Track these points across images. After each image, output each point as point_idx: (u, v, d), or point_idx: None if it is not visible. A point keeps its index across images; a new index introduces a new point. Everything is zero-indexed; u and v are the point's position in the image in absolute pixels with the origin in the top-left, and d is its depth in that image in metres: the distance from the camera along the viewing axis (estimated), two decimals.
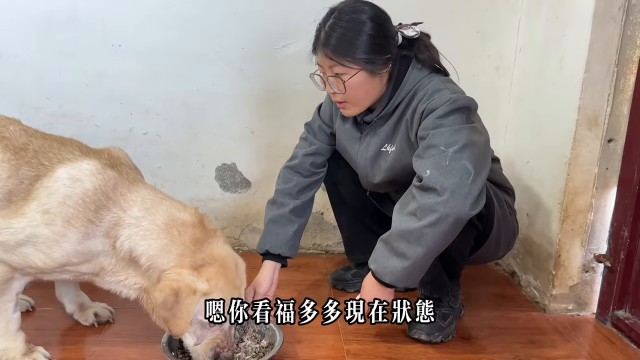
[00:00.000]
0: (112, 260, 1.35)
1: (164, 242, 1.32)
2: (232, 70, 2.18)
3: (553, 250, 1.87)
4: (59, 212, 1.29)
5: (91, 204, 1.31)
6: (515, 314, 1.88)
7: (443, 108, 1.43)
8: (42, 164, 1.36)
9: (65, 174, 1.33)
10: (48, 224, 1.29)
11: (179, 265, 1.30)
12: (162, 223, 1.34)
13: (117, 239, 1.32)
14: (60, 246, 1.30)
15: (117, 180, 1.37)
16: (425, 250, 1.40)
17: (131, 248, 1.32)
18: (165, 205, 1.38)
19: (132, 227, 1.32)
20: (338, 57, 1.47)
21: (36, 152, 1.39)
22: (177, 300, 1.27)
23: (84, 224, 1.30)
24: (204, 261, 1.34)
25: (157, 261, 1.31)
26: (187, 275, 1.29)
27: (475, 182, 1.36)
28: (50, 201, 1.30)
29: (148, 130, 2.23)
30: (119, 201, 1.34)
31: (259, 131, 2.27)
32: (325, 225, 2.40)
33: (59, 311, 1.73)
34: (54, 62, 2.11)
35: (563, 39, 1.83)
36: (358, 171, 1.76)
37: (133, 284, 1.37)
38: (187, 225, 1.36)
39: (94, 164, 1.35)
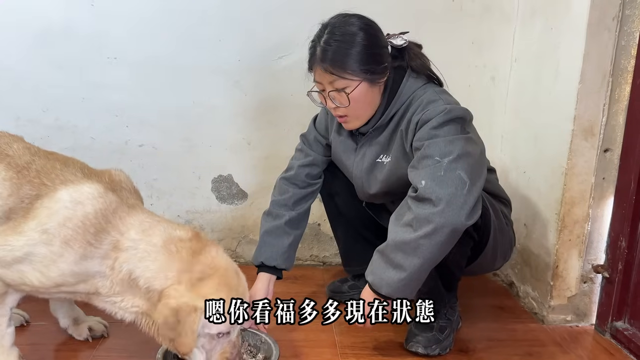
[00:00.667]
0: (109, 282, 1.34)
1: (161, 262, 1.31)
2: (228, 82, 2.18)
3: (551, 261, 1.86)
4: (58, 233, 1.28)
5: (91, 227, 1.30)
6: (514, 325, 1.87)
7: (437, 119, 1.43)
8: (44, 184, 1.36)
9: (67, 196, 1.32)
10: (46, 243, 1.28)
11: (177, 281, 1.29)
12: (159, 243, 1.33)
13: (116, 261, 1.32)
14: (57, 266, 1.29)
15: (118, 204, 1.36)
16: (422, 261, 1.39)
17: (130, 270, 1.31)
18: (162, 226, 1.38)
19: (130, 250, 1.32)
20: (339, 70, 1.47)
21: (39, 171, 1.38)
22: (178, 319, 1.25)
23: (82, 245, 1.29)
24: (204, 273, 1.32)
25: (154, 283, 1.30)
26: (185, 292, 1.27)
27: (470, 192, 1.36)
28: (51, 222, 1.29)
29: (144, 142, 2.23)
30: (117, 225, 1.33)
31: (255, 142, 2.26)
32: (323, 236, 2.39)
33: (53, 326, 1.72)
34: (50, 75, 2.11)
35: (558, 49, 1.83)
36: (354, 182, 1.75)
37: (130, 306, 1.35)
38: (184, 240, 1.36)
39: (95, 188, 1.35)
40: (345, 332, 1.76)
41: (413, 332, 1.67)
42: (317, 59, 1.50)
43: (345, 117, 1.58)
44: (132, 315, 1.36)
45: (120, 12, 2.09)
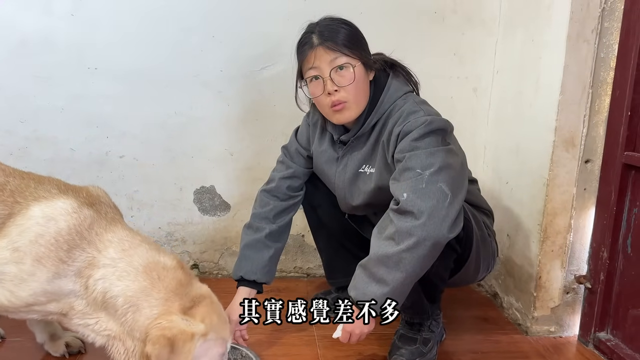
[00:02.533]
0: (83, 301, 1.28)
1: (143, 285, 1.25)
2: (211, 93, 2.17)
3: (534, 272, 1.86)
4: (30, 251, 1.24)
5: (64, 244, 1.26)
6: (498, 337, 1.86)
7: (418, 130, 1.43)
8: (17, 202, 1.31)
9: (39, 212, 1.28)
10: (17, 262, 1.23)
11: (166, 311, 1.23)
12: (140, 265, 1.28)
13: (90, 278, 1.26)
14: (28, 285, 1.25)
15: (94, 219, 1.31)
16: (405, 275, 1.37)
17: (105, 289, 1.25)
18: (144, 247, 1.32)
19: (108, 268, 1.26)
20: (341, 47, 1.49)
21: (12, 191, 1.34)
22: (172, 350, 1.18)
23: (54, 263, 1.25)
24: (193, 302, 1.28)
25: (135, 304, 1.24)
26: (179, 320, 1.21)
27: (452, 204, 1.35)
28: (22, 239, 1.25)
29: (125, 153, 2.20)
30: (94, 241, 1.28)
31: (238, 153, 2.25)
32: (307, 247, 2.37)
33: (30, 342, 1.67)
34: (28, 85, 2.08)
35: (539, 61, 1.85)
36: (336, 193, 1.74)
37: (103, 329, 1.29)
38: (169, 269, 1.30)
39: (69, 203, 1.30)
40: (329, 346, 1.74)
41: (396, 345, 1.65)
42: (315, 42, 1.51)
43: (343, 103, 1.53)
44: (104, 339, 1.30)
45: (101, 23, 2.07)
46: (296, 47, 1.58)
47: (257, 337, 1.77)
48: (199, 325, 1.23)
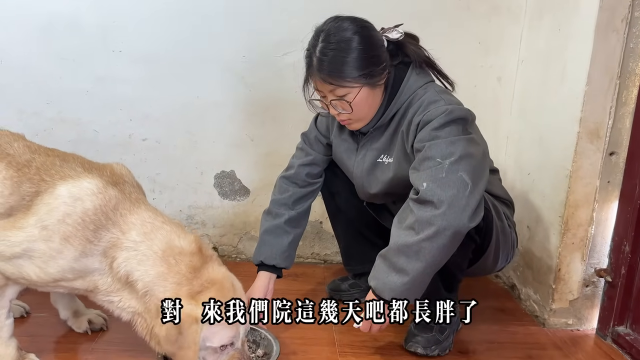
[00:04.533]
0: (108, 279, 1.34)
1: (160, 270, 1.31)
2: (233, 78, 2.18)
3: (553, 264, 1.84)
4: (58, 230, 1.28)
5: (90, 224, 1.30)
6: (515, 328, 1.85)
7: (439, 120, 1.42)
8: (43, 180, 1.35)
9: (66, 192, 1.32)
10: (46, 239, 1.28)
11: (175, 294, 1.28)
12: (159, 250, 1.33)
13: (115, 260, 1.31)
14: (56, 262, 1.30)
15: (118, 200, 1.35)
16: (425, 264, 1.37)
17: (128, 272, 1.31)
18: (164, 230, 1.36)
19: (130, 251, 1.31)
20: (338, 80, 1.45)
21: (38, 169, 1.38)
22: (180, 331, 1.25)
23: (81, 242, 1.29)
24: (202, 287, 1.32)
25: (152, 288, 1.30)
26: (185, 304, 1.27)
27: (472, 194, 1.34)
28: (50, 218, 1.29)
29: (147, 136, 2.23)
30: (118, 222, 1.33)
31: (258, 139, 2.26)
32: (324, 234, 2.38)
33: (54, 317, 1.72)
34: (54, 67, 2.12)
35: (565, 51, 1.81)
36: (354, 182, 1.74)
37: (127, 306, 1.35)
38: (185, 253, 1.34)
39: (95, 183, 1.34)
40: (345, 330, 1.75)
41: (412, 332, 1.66)
42: (314, 70, 1.48)
43: (348, 120, 1.57)
44: (129, 315, 1.36)
45: (126, 5, 2.09)
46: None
47: None
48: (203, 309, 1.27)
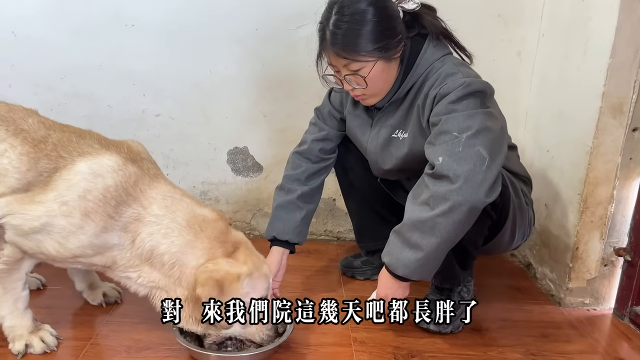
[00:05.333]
0: (127, 255, 1.35)
1: (187, 239, 1.33)
2: (246, 52, 2.15)
3: (571, 243, 1.81)
4: (78, 205, 1.29)
5: (111, 200, 1.31)
6: (530, 306, 1.83)
7: (456, 92, 1.38)
8: (61, 157, 1.36)
9: (86, 168, 1.32)
10: (66, 215, 1.29)
11: (212, 256, 1.31)
12: (183, 220, 1.35)
13: (138, 236, 1.32)
14: (76, 237, 1.30)
15: (138, 176, 1.36)
16: (439, 240, 1.35)
17: (152, 247, 1.32)
18: (185, 202, 1.39)
19: (153, 225, 1.33)
20: (352, 54, 1.42)
21: (55, 145, 1.38)
22: (221, 290, 1.27)
23: (102, 218, 1.30)
24: (234, 247, 1.36)
25: (181, 258, 1.32)
26: (224, 263, 1.30)
27: (490, 168, 1.31)
28: (70, 194, 1.29)
29: (161, 112, 2.22)
30: (139, 198, 1.34)
31: (271, 115, 2.24)
32: (337, 211, 2.37)
33: (69, 290, 1.74)
34: (67, 41, 2.11)
35: (589, 23, 1.75)
36: (368, 157, 1.71)
37: (146, 281, 1.37)
38: (209, 220, 1.37)
39: (115, 160, 1.35)
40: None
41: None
42: (327, 44, 1.45)
43: (362, 95, 1.54)
44: (147, 290, 1.38)
45: None
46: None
47: (288, 295, 1.79)
48: (243, 267, 1.31)
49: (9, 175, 1.34)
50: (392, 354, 1.52)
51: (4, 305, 1.42)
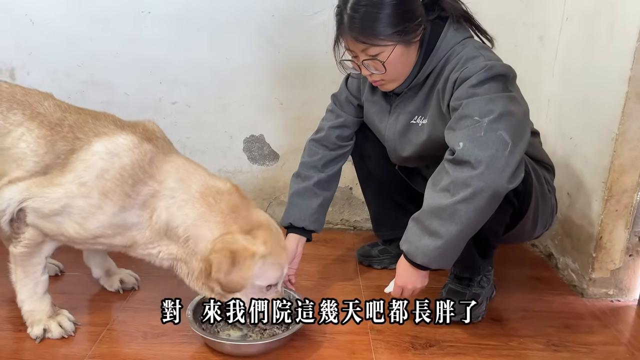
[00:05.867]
0: (147, 233, 1.35)
1: (201, 211, 1.32)
2: (261, 38, 2.13)
3: (594, 232, 1.76)
4: (96, 186, 1.29)
5: (128, 178, 1.31)
6: (551, 297, 1.79)
7: (477, 76, 1.34)
8: (77, 138, 1.36)
9: (102, 148, 1.33)
10: (84, 196, 1.29)
11: (227, 231, 1.30)
12: (196, 192, 1.34)
13: (154, 211, 1.32)
14: (96, 218, 1.31)
15: (154, 153, 1.36)
16: (460, 228, 1.32)
17: (168, 220, 1.32)
18: (199, 174, 1.38)
19: (168, 199, 1.32)
20: (370, 38, 1.38)
21: (71, 127, 1.39)
22: (234, 263, 1.26)
23: (120, 197, 1.30)
24: (251, 225, 1.33)
25: (194, 231, 1.31)
26: (242, 239, 1.28)
27: (512, 154, 1.27)
28: (88, 174, 1.30)
29: (177, 99, 2.21)
30: (154, 174, 1.34)
31: (288, 102, 2.21)
32: (354, 200, 2.34)
33: (86, 276, 1.75)
34: (84, 29, 2.11)
35: (615, 6, 1.69)
36: (386, 144, 1.68)
37: (167, 254, 1.37)
38: (223, 192, 1.36)
39: (130, 139, 1.35)
40: (375, 295, 1.72)
41: (444, 298, 1.61)
42: (345, 28, 1.42)
43: (380, 81, 1.51)
44: (169, 262, 1.38)
45: None
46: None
47: (304, 283, 1.79)
48: (261, 247, 1.29)
49: (27, 159, 1.35)
50: (409, 343, 1.50)
51: (24, 289, 1.44)
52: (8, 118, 1.39)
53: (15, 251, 1.39)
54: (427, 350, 1.47)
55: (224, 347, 1.38)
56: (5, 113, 1.40)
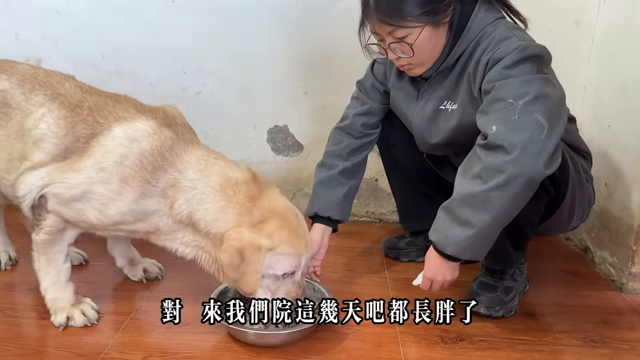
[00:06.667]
0: (169, 221, 1.34)
1: (220, 205, 1.30)
2: (285, 26, 2.09)
3: (634, 224, 1.67)
4: (115, 172, 1.28)
5: (148, 165, 1.30)
6: (587, 292, 1.71)
7: (511, 57, 1.27)
8: (97, 122, 1.35)
9: (122, 133, 1.32)
10: (104, 182, 1.28)
11: (237, 225, 1.28)
12: (216, 184, 1.31)
13: (175, 202, 1.31)
14: (115, 204, 1.30)
15: (173, 141, 1.35)
16: (492, 216, 1.25)
17: (190, 213, 1.31)
18: (219, 165, 1.35)
19: (189, 191, 1.30)
20: (397, 19, 1.33)
21: (91, 109, 1.38)
22: (242, 259, 1.25)
23: (140, 183, 1.29)
24: (263, 216, 1.30)
25: (215, 225, 1.30)
26: (247, 233, 1.26)
27: (549, 137, 1.20)
28: (107, 160, 1.29)
29: (201, 89, 2.19)
30: (175, 162, 1.32)
31: (312, 92, 2.17)
32: (380, 192, 2.29)
33: (110, 266, 1.75)
34: (109, 19, 2.11)
35: None
36: (413, 132, 1.62)
37: (191, 241, 1.36)
38: (240, 183, 1.33)
39: (150, 124, 1.34)
40: (402, 288, 1.69)
41: (475, 291, 1.55)
42: (371, 10, 1.36)
43: (408, 65, 1.45)
44: (193, 251, 1.37)
45: None
46: None
47: (330, 275, 1.75)
48: (265, 240, 1.26)
49: (47, 140, 1.34)
50: (439, 337, 1.44)
51: (47, 277, 1.43)
52: (30, 99, 1.40)
53: (37, 239, 1.39)
54: (457, 345, 1.41)
55: (248, 336, 1.35)
56: (27, 94, 1.41)
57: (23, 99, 1.40)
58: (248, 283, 1.28)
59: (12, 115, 1.41)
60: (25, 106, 1.39)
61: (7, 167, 1.41)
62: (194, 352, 1.35)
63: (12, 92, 1.43)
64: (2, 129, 1.44)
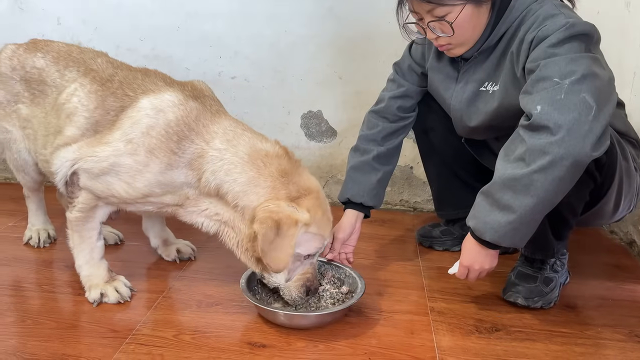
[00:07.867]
0: (196, 191, 1.34)
1: (250, 175, 1.28)
2: (321, 8, 2.07)
3: None
4: (142, 142, 1.29)
5: (173, 135, 1.29)
6: (633, 286, 1.63)
7: (557, 35, 1.21)
8: (126, 95, 1.37)
9: (148, 104, 1.32)
10: (131, 153, 1.29)
11: (274, 197, 1.26)
12: (245, 155, 1.30)
13: (203, 174, 1.30)
14: (143, 176, 1.30)
15: (200, 111, 1.34)
16: (535, 200, 1.19)
17: (218, 185, 1.30)
18: (247, 136, 1.34)
19: (216, 162, 1.29)
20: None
21: (121, 83, 1.40)
22: (278, 232, 1.22)
23: (166, 154, 1.29)
24: (299, 192, 1.29)
25: (244, 198, 1.28)
26: (286, 206, 1.24)
27: (597, 118, 1.14)
28: (134, 131, 1.30)
29: (236, 74, 2.19)
30: (201, 132, 1.31)
31: (347, 76, 2.14)
32: (414, 180, 2.24)
33: (145, 246, 1.77)
34: (147, 3, 2.13)
35: None
36: (452, 115, 1.57)
37: (214, 214, 1.34)
38: (271, 156, 1.31)
39: (176, 95, 1.34)
40: (435, 276, 1.64)
41: (513, 281, 1.49)
42: None
43: (447, 45, 1.40)
44: (216, 225, 1.35)
45: None
46: None
47: (361, 261, 1.72)
48: (305, 214, 1.24)
49: (78, 114, 1.37)
50: (473, 326, 1.39)
51: (81, 254, 1.46)
52: (64, 75, 1.44)
53: (71, 216, 1.41)
54: (492, 335, 1.36)
55: (278, 317, 1.34)
56: (62, 71, 1.45)
57: (58, 76, 1.44)
58: (277, 260, 1.25)
59: (48, 92, 1.45)
60: (60, 83, 1.42)
61: (44, 142, 1.45)
62: (224, 331, 1.34)
63: (48, 70, 1.47)
64: (39, 106, 1.48)
